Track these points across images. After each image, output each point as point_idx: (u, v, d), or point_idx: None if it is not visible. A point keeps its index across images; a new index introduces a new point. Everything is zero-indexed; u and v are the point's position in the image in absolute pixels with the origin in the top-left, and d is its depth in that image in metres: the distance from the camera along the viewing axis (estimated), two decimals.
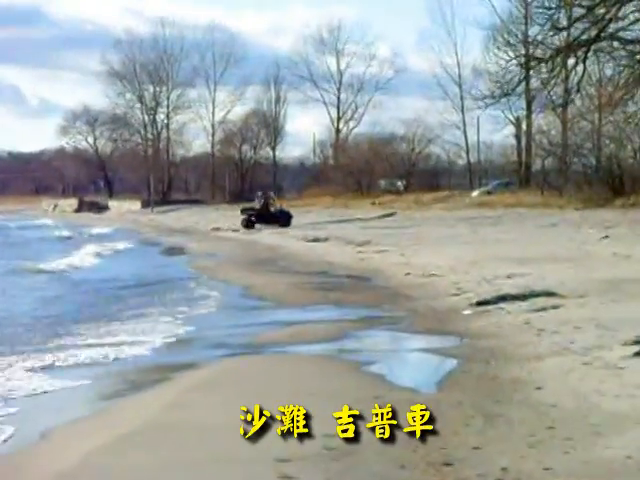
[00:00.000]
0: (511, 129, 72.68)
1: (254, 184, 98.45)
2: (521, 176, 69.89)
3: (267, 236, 45.24)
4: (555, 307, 15.68)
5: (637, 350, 11.12)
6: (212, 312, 18.32)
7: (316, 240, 38.94)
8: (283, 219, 52.51)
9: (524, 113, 67.58)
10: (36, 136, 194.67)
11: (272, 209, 53.93)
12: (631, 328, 12.69)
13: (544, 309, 15.56)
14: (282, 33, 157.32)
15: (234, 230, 51.80)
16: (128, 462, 7.63)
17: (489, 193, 66.83)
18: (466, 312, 16.29)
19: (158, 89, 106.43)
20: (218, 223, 59.28)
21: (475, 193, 69.06)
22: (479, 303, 16.81)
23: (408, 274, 22.98)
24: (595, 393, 9.38)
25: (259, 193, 57.44)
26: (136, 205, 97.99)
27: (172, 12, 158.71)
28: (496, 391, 9.83)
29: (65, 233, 58.27)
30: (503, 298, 16.89)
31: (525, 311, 15.54)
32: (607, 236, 32.75)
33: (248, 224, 52.43)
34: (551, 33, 30.91)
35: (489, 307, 16.38)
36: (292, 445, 5.57)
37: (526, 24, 44.75)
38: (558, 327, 13.65)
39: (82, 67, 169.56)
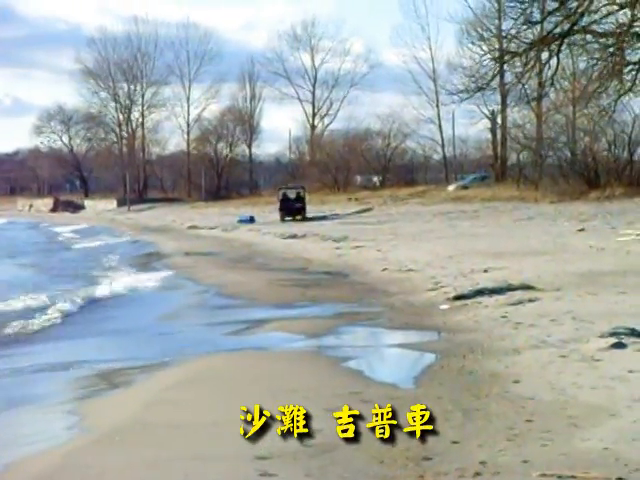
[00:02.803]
0: (486, 123, 72.88)
1: (230, 182, 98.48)
2: (497, 170, 70.05)
3: (244, 233, 45.21)
4: (532, 300, 15.76)
5: (613, 342, 11.20)
6: (189, 310, 18.28)
7: (293, 237, 38.97)
8: (299, 212, 55.14)
9: (499, 107, 67.78)
10: (10, 136, 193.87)
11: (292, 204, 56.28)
12: (607, 320, 12.78)
13: (521, 302, 15.63)
14: (256, 29, 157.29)
15: (211, 228, 51.78)
16: (109, 462, 7.62)
17: (465, 187, 66.95)
18: (443, 307, 16.33)
19: (132, 87, 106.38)
20: (195, 221, 59.19)
21: (451, 187, 69.15)
22: (456, 297, 16.86)
23: (385, 269, 23.02)
24: (572, 385, 9.44)
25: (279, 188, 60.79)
26: (112, 204, 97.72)
27: (145, 10, 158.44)
28: (474, 385, 9.86)
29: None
30: (480, 292, 16.96)
31: (502, 305, 15.60)
32: (583, 229, 32.95)
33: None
34: (524, 27, 30.97)
35: (466, 301, 16.44)
36: (272, 442, 5.58)
37: (499, 18, 44.80)
38: (535, 320, 13.72)
39: (54, 66, 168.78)
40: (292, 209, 55.70)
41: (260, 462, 7.15)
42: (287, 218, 54.77)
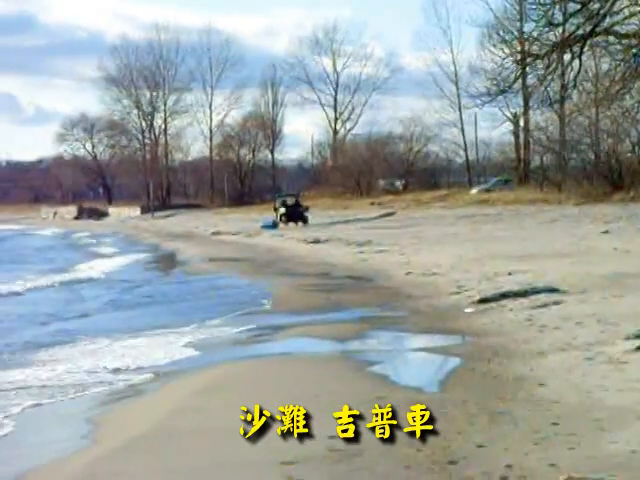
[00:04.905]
0: (509, 126, 72.75)
1: (253, 187, 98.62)
2: (520, 173, 69.89)
3: (268, 239, 45.24)
4: (557, 303, 15.70)
5: (639, 344, 11.14)
6: (215, 317, 18.30)
7: (317, 241, 38.97)
8: (302, 217, 57.43)
9: (521, 110, 67.57)
10: (34, 144, 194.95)
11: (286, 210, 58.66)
12: (633, 322, 12.72)
13: (546, 305, 15.58)
14: (277, 35, 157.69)
15: (234, 234, 51.85)
16: (133, 469, 7.64)
17: (488, 191, 66.81)
18: (468, 310, 16.30)
19: (155, 94, 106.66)
20: (218, 227, 59.28)
21: (474, 191, 69.02)
22: (481, 301, 16.83)
23: (409, 273, 22.99)
24: (598, 388, 9.39)
25: (276, 195, 64.02)
26: (135, 211, 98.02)
27: (165, 17, 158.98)
28: (499, 389, 9.84)
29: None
30: (504, 295, 16.91)
31: (527, 308, 15.55)
32: (607, 231, 32.78)
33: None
34: (546, 29, 30.84)
35: (491, 304, 16.40)
36: (297, 447, 5.57)
37: (521, 20, 44.65)
38: (560, 323, 13.66)
39: (76, 74, 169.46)
40: (295, 214, 57.83)
41: (286, 467, 7.16)
42: (290, 223, 56.91)
